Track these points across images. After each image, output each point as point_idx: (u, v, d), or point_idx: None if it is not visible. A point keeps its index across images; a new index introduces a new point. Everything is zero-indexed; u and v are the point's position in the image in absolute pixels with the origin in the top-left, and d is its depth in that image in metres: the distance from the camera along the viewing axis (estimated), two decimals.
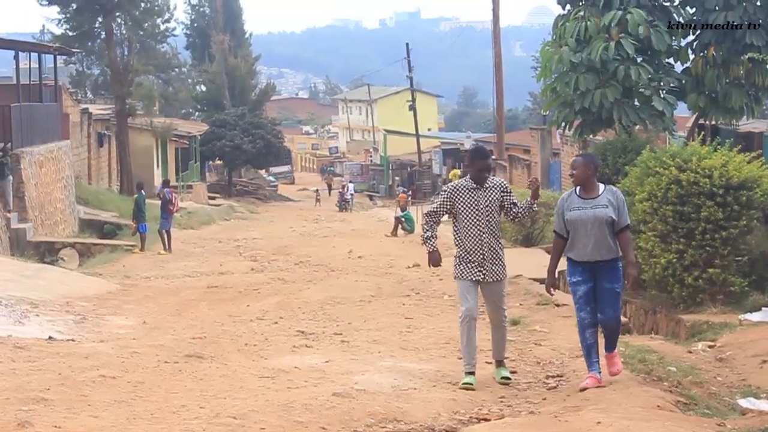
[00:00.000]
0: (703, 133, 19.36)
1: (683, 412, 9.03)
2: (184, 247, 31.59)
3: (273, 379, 10.57)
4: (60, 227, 33.08)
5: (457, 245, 10.55)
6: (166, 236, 30.76)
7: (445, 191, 10.62)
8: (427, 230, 10.62)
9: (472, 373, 10.34)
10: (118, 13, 51.71)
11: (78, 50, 49.82)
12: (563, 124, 22.65)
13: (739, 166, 15.57)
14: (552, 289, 10.46)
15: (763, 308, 14.50)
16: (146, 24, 53.70)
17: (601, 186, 10.07)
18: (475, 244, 10.38)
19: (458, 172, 61.48)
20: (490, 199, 10.40)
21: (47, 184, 32.38)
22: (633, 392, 9.37)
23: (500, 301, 10.58)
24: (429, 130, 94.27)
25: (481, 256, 10.38)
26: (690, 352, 12.39)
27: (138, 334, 14.69)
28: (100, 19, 51.67)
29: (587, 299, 9.95)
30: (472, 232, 10.39)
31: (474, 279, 10.39)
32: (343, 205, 62.94)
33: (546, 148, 39.72)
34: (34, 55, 36.78)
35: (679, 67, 22.52)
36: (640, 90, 21.18)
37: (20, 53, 34.61)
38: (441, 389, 10.20)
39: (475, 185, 10.45)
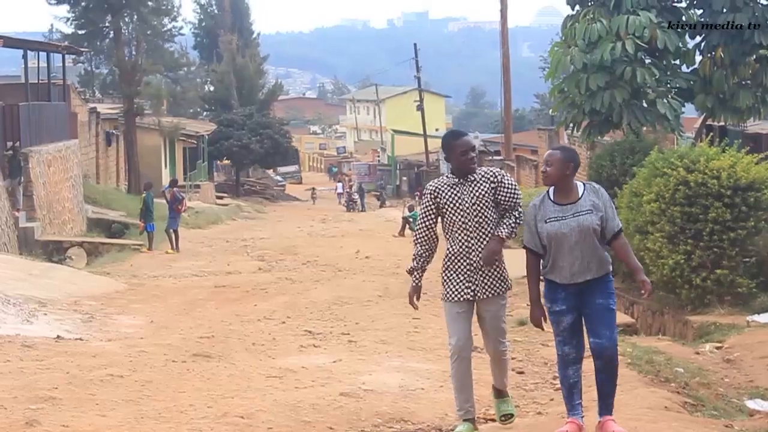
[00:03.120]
0: (711, 134, 19.34)
1: (690, 413, 9.03)
2: (191, 247, 31.63)
3: (280, 378, 10.58)
4: (68, 226, 33.13)
5: (444, 256, 8.49)
6: (173, 236, 30.83)
7: (426, 193, 8.54)
8: (414, 258, 8.57)
9: (470, 420, 8.44)
10: (126, 12, 51.80)
11: (86, 49, 49.91)
12: (571, 125, 22.64)
13: (747, 168, 15.56)
14: (543, 323, 8.09)
15: None
16: (154, 23, 53.77)
17: (580, 185, 8.02)
18: (461, 251, 8.30)
19: None
20: (479, 193, 8.26)
21: (55, 183, 32.44)
22: (640, 393, 9.37)
23: (498, 324, 8.43)
24: (437, 130, 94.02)
25: (469, 266, 8.28)
26: (697, 353, 12.39)
27: (146, 333, 14.72)
28: (108, 18, 51.75)
29: (573, 332, 7.97)
30: (456, 236, 8.32)
31: (463, 298, 8.29)
32: (351, 205, 63.00)
33: None
34: (43, 54, 36.88)
35: (685, 69, 22.49)
36: (647, 92, 21.18)
37: (29, 52, 34.69)
38: (448, 389, 10.17)
39: (457, 179, 8.36)
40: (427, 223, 8.50)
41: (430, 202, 8.45)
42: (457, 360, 8.36)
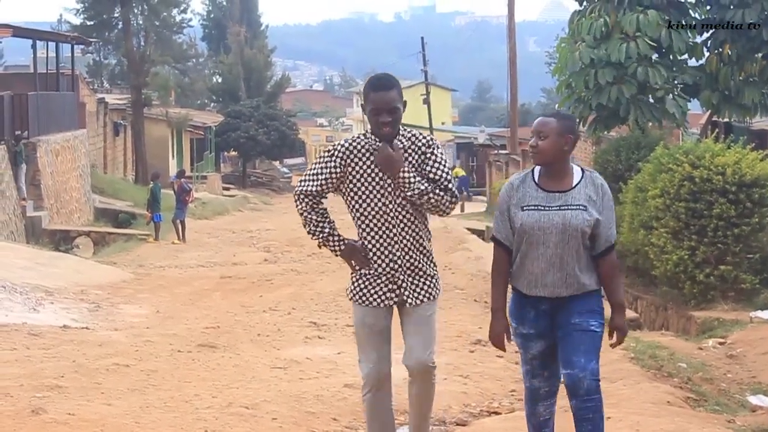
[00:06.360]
0: (716, 130, 19.34)
1: (693, 408, 9.05)
2: (197, 237, 31.69)
3: (285, 369, 10.62)
4: (75, 216, 33.22)
5: None
6: (180, 226, 30.88)
7: (333, 152, 6.22)
8: (311, 221, 6.30)
9: None
10: (135, 3, 51.89)
11: (95, 40, 50.10)
12: (577, 120, 22.66)
13: (752, 164, 15.57)
14: (506, 340, 6.11)
15: None
16: (163, 14, 53.89)
17: (577, 171, 6.04)
18: (381, 245, 6.20)
19: (461, 171, 61.28)
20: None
21: (63, 172, 32.53)
22: (643, 388, 9.40)
23: (426, 333, 6.22)
24: (443, 123, 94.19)
25: (391, 263, 6.19)
26: (700, 348, 12.41)
27: (151, 323, 14.77)
28: (117, 9, 51.88)
29: (544, 361, 6.12)
30: (372, 224, 6.19)
31: (383, 304, 6.24)
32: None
33: None
34: (52, 44, 36.95)
35: (692, 63, 22.50)
36: (655, 88, 21.19)
37: (38, 42, 34.80)
38: (452, 382, 10.24)
39: (379, 143, 6.14)
40: (315, 188, 6.23)
41: (336, 166, 6.20)
42: (371, 393, 6.31)
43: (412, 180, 6.05)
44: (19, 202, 27.46)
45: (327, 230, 6.30)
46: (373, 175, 6.14)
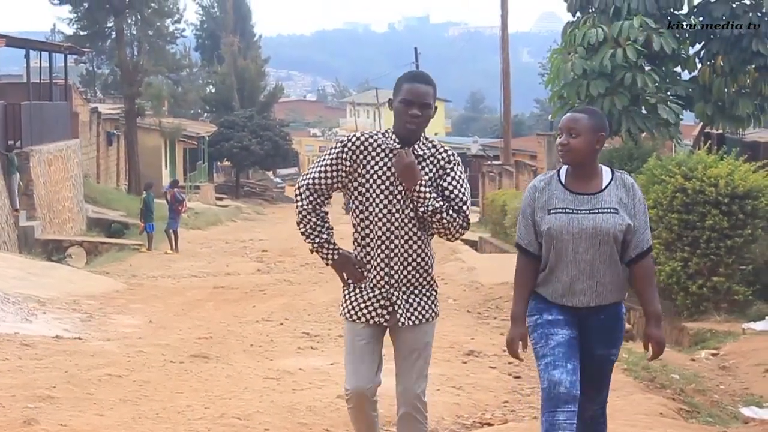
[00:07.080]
0: (709, 141, 19.37)
1: (686, 419, 9.06)
2: (190, 247, 31.69)
3: (278, 380, 10.61)
4: (68, 225, 33.19)
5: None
6: (173, 236, 30.90)
7: (344, 142, 5.82)
8: (309, 222, 5.89)
9: None
10: (127, 11, 51.93)
11: (88, 50, 50.11)
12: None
13: (744, 176, 15.59)
14: (521, 348, 5.67)
15: (767, 317, 14.53)
16: (157, 24, 53.97)
17: (606, 172, 5.77)
18: (378, 255, 5.72)
19: None
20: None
21: (56, 182, 32.51)
22: (636, 399, 9.40)
23: (418, 361, 5.81)
24: (436, 134, 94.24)
25: (387, 277, 5.71)
26: (693, 360, 12.44)
27: (144, 334, 14.76)
28: (111, 19, 51.95)
29: (569, 351, 5.52)
30: (375, 232, 5.73)
31: (372, 321, 5.80)
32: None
33: (552, 154, 39.69)
34: (45, 54, 36.94)
35: (686, 76, 22.53)
36: (647, 98, 21.21)
37: (31, 52, 34.79)
38: (444, 393, 10.24)
39: (398, 144, 5.67)
40: (322, 181, 5.79)
41: (347, 159, 5.74)
42: (355, 408, 6.01)
43: (428, 195, 5.59)
44: (11, 212, 27.44)
45: (324, 236, 5.84)
46: (384, 177, 5.65)
